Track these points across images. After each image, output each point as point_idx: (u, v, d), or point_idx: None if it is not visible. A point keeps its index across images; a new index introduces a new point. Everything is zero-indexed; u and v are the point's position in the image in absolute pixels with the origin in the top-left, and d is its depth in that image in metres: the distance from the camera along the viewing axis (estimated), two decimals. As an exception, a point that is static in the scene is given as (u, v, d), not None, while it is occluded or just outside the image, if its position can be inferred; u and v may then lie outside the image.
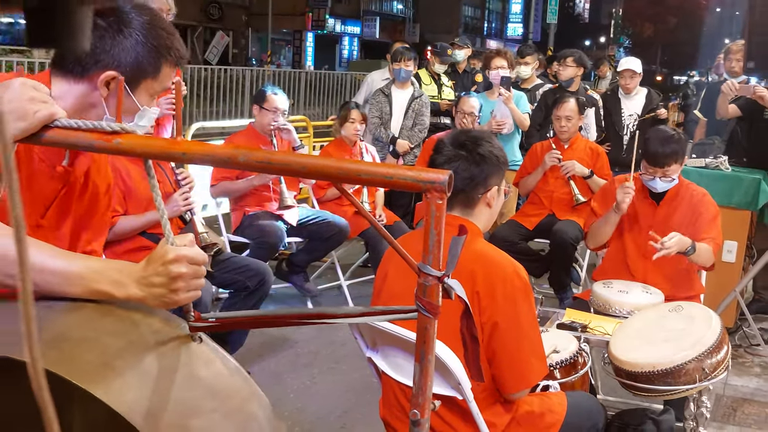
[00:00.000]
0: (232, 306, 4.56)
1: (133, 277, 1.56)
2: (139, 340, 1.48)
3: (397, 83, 7.27)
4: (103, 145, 1.49)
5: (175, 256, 1.53)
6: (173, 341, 1.51)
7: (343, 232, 5.74)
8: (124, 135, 1.48)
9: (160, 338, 1.50)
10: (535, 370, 2.58)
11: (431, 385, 1.39)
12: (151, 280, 1.55)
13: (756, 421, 4.37)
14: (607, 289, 3.89)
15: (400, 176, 1.31)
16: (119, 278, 1.57)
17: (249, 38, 39.03)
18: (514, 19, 51.06)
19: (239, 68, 19.98)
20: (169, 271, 1.53)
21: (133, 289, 1.56)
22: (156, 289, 1.54)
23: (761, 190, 5.64)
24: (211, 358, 1.53)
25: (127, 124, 1.69)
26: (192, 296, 1.56)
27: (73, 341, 1.45)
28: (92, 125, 1.50)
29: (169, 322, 1.56)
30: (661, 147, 4.05)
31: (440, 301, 1.35)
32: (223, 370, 1.53)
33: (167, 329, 1.54)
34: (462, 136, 2.73)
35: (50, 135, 1.55)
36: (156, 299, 1.55)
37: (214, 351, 1.56)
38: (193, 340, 1.54)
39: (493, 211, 2.76)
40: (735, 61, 6.93)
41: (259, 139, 5.72)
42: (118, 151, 1.48)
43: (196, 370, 1.48)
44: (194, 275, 1.56)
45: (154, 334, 1.51)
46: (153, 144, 1.47)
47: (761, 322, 5.89)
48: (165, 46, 1.91)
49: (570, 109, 5.97)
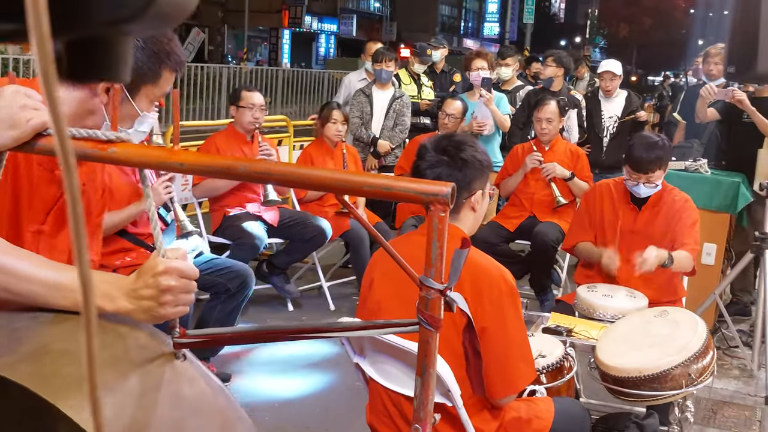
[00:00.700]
0: (213, 309, 4.51)
1: (123, 290, 1.53)
2: (123, 355, 1.44)
3: (378, 84, 7.25)
4: (98, 153, 1.46)
5: (165, 268, 1.50)
6: (158, 358, 1.46)
7: (324, 233, 5.71)
8: (119, 144, 1.45)
9: (145, 354, 1.45)
10: (523, 374, 2.57)
11: (432, 399, 1.37)
12: (140, 293, 1.51)
13: (736, 424, 4.40)
14: (591, 293, 3.89)
15: (403, 188, 1.30)
16: (109, 291, 1.53)
17: (225, 35, 38.85)
18: (491, 19, 51.23)
19: (216, 66, 19.88)
20: (158, 284, 1.49)
21: (122, 301, 1.52)
22: (145, 302, 1.51)
23: (740, 194, 5.68)
24: (195, 376, 1.50)
25: (128, 130, 1.66)
26: (180, 311, 1.52)
27: (54, 354, 1.41)
28: (87, 134, 1.47)
29: (154, 337, 1.52)
30: (645, 153, 4.06)
31: (442, 314, 1.34)
32: (207, 389, 1.49)
33: (152, 344, 1.49)
34: (444, 141, 2.70)
35: (43, 143, 1.52)
36: (144, 312, 1.51)
37: (198, 369, 1.52)
38: (177, 358, 1.50)
39: (477, 214, 2.75)
40: (713, 65, 6.96)
41: (239, 138, 5.69)
42: (113, 160, 1.46)
43: (179, 389, 1.44)
44: (184, 289, 1.52)
45: (139, 349, 1.47)
46: (150, 154, 1.45)
47: (739, 324, 5.93)
48: (165, 52, 1.89)
49: (551, 111, 5.98)
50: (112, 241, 4.27)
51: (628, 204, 4.28)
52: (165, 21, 0.60)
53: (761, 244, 5.17)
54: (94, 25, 0.59)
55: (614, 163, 6.86)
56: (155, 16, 0.56)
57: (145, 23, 0.57)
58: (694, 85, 7.98)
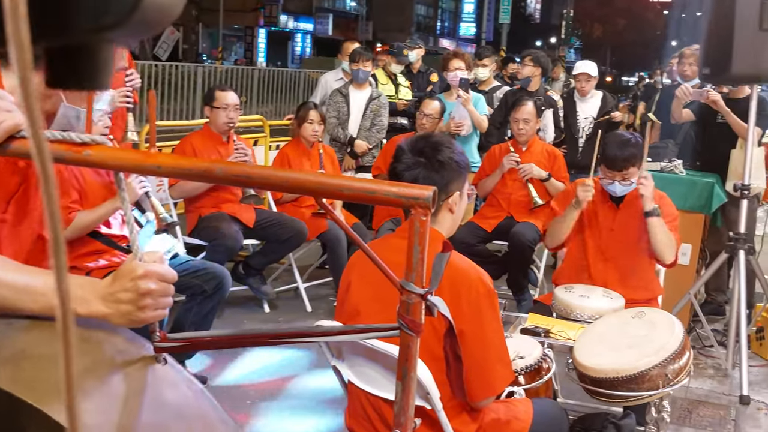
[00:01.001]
0: (189, 311, 4.47)
1: (98, 294, 1.51)
2: (103, 360, 1.42)
3: (355, 84, 7.23)
4: (73, 156, 1.43)
5: (145, 272, 1.49)
6: (138, 362, 1.45)
7: (300, 234, 5.69)
8: (94, 146, 1.42)
9: (125, 359, 1.44)
10: (501, 376, 2.57)
11: (413, 403, 1.36)
12: (118, 296, 1.49)
13: (711, 423, 4.43)
14: (568, 293, 3.91)
15: (384, 192, 1.29)
16: (82, 294, 1.51)
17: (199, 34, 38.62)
18: (467, 19, 51.33)
19: (190, 65, 19.74)
20: (137, 288, 1.48)
21: (98, 305, 1.50)
22: (123, 306, 1.49)
23: (714, 194, 5.72)
24: (177, 380, 1.48)
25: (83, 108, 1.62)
26: (160, 315, 1.51)
27: (34, 359, 1.39)
28: (61, 136, 1.45)
29: (133, 341, 1.50)
30: (619, 151, 4.09)
31: (423, 319, 1.33)
32: (189, 393, 1.48)
33: (132, 349, 1.48)
34: (421, 143, 2.68)
35: (16, 146, 1.49)
36: (122, 317, 1.50)
37: (179, 373, 1.51)
38: (157, 362, 1.48)
39: (456, 216, 2.74)
40: (688, 66, 7.02)
41: (215, 138, 5.66)
42: (88, 163, 1.43)
43: (161, 393, 1.43)
44: (163, 293, 1.51)
45: (118, 354, 1.45)
46: (125, 157, 1.43)
47: (714, 323, 5.97)
48: None
49: (528, 112, 6.00)
50: (85, 243, 4.23)
51: (606, 202, 4.30)
52: (148, 27, 0.59)
53: (735, 244, 5.20)
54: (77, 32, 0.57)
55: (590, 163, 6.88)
56: (138, 22, 0.55)
57: (128, 30, 0.56)
58: (669, 86, 8.03)
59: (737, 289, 5.13)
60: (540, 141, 6.34)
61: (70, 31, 0.58)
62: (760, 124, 5.78)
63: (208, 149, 5.61)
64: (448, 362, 1.49)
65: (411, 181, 2.59)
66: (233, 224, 5.53)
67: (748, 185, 5.25)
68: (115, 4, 0.55)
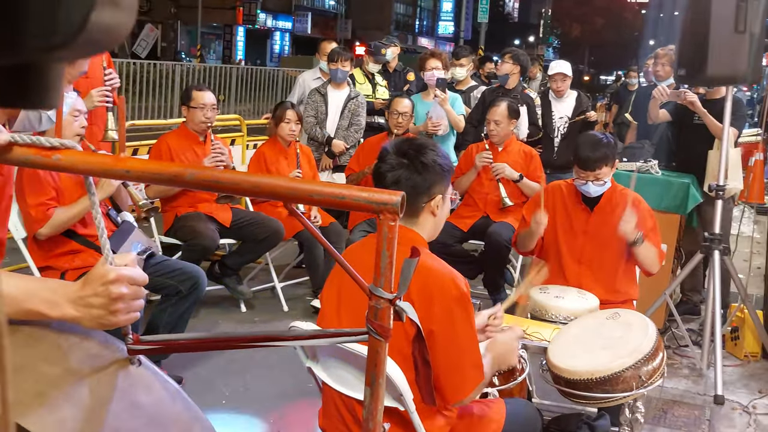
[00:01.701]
0: (164, 311, 4.45)
1: (69, 297, 1.50)
2: (76, 366, 1.41)
3: (333, 83, 7.21)
4: (42, 161, 1.42)
5: (116, 276, 1.48)
6: (112, 366, 1.45)
7: (277, 233, 5.68)
8: (63, 151, 1.41)
9: (99, 363, 1.44)
10: (472, 378, 2.56)
11: (382, 409, 1.36)
12: (89, 300, 1.48)
13: (686, 423, 4.46)
14: (543, 294, 3.92)
15: (353, 197, 1.28)
16: (53, 298, 1.50)
17: (178, 32, 38.47)
18: (446, 17, 51.38)
19: (169, 63, 19.64)
20: (109, 292, 1.47)
21: (68, 309, 1.49)
22: (94, 310, 1.48)
23: (690, 195, 5.76)
24: (152, 382, 1.48)
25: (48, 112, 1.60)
26: (132, 318, 1.51)
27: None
28: (30, 140, 1.43)
29: (107, 345, 1.50)
30: (591, 151, 4.11)
31: (391, 324, 1.32)
32: (165, 395, 1.48)
33: (105, 353, 1.48)
34: (405, 145, 2.70)
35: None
36: (93, 320, 1.49)
37: (154, 374, 1.50)
38: (131, 364, 1.48)
39: (438, 219, 2.73)
40: (661, 66, 7.07)
41: (191, 138, 5.64)
42: (57, 167, 1.42)
43: (136, 396, 1.43)
44: (134, 296, 1.50)
45: (92, 358, 1.45)
46: (95, 161, 1.42)
47: (689, 323, 6.02)
48: None
49: (498, 113, 6.00)
50: (61, 243, 4.21)
51: (579, 204, 4.31)
52: (96, 47, 0.58)
53: (710, 244, 5.24)
54: (25, 52, 0.57)
55: (565, 163, 6.91)
56: (86, 42, 0.54)
57: (76, 50, 0.56)
58: (646, 87, 8.09)
59: (712, 289, 5.16)
60: (517, 141, 6.34)
61: (18, 50, 0.57)
62: (736, 125, 5.82)
63: (185, 149, 5.59)
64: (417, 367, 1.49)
65: (393, 182, 2.60)
66: (210, 224, 5.51)
67: (723, 186, 5.29)
68: (62, 24, 0.55)
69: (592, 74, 59.91)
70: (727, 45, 4.78)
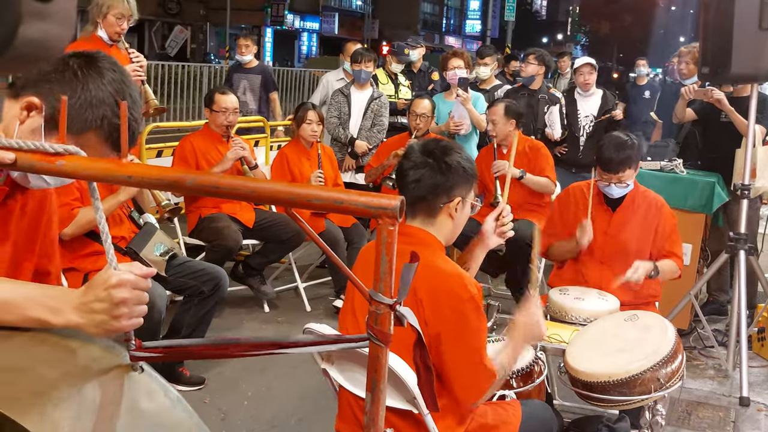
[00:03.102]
0: (187, 312, 4.49)
1: (72, 304, 1.51)
2: (76, 369, 1.42)
3: (357, 84, 7.22)
4: (46, 166, 1.43)
5: (119, 281, 1.48)
6: (113, 371, 1.44)
7: (300, 234, 5.70)
8: (68, 156, 1.42)
9: (100, 368, 1.44)
10: (484, 378, 2.55)
11: (383, 415, 1.35)
12: (91, 306, 1.49)
13: (710, 425, 4.41)
14: (563, 296, 3.89)
15: (352, 201, 1.28)
16: (55, 305, 1.51)
17: (207, 33, 38.68)
18: (473, 16, 51.31)
19: (196, 64, 19.73)
20: (111, 297, 1.48)
21: (71, 315, 1.50)
22: (97, 316, 1.49)
23: (715, 194, 5.69)
24: (154, 389, 1.48)
25: None
26: (135, 323, 1.51)
27: (5, 370, 1.39)
28: (34, 146, 1.44)
29: (109, 350, 1.50)
30: (615, 153, 4.07)
31: (392, 329, 1.32)
32: (166, 401, 1.47)
33: (107, 358, 1.47)
34: (432, 144, 2.72)
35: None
36: (96, 326, 1.49)
37: (155, 381, 1.50)
38: (134, 370, 1.48)
39: (456, 223, 2.72)
40: (684, 64, 6.99)
41: (215, 138, 5.72)
42: (61, 173, 1.43)
43: (137, 402, 1.43)
44: (137, 301, 1.51)
45: (93, 363, 1.45)
46: (98, 166, 1.42)
47: (715, 323, 5.95)
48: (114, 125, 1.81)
49: (497, 112, 5.92)
50: (84, 244, 4.24)
51: (601, 205, 4.27)
52: (26, 62, 0.58)
53: (736, 244, 5.18)
54: None
55: (591, 162, 6.78)
56: (14, 58, 0.54)
57: (5, 64, 0.56)
58: (671, 85, 8.01)
59: (738, 290, 5.10)
60: (523, 137, 6.20)
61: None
62: (764, 124, 5.75)
63: (209, 148, 5.66)
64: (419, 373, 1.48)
65: (414, 180, 2.60)
66: (233, 225, 5.54)
67: (749, 185, 5.23)
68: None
69: (621, 71, 59.42)
70: (751, 42, 4.72)
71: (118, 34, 5.13)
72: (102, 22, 5.10)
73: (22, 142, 1.47)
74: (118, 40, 5.16)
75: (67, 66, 1.78)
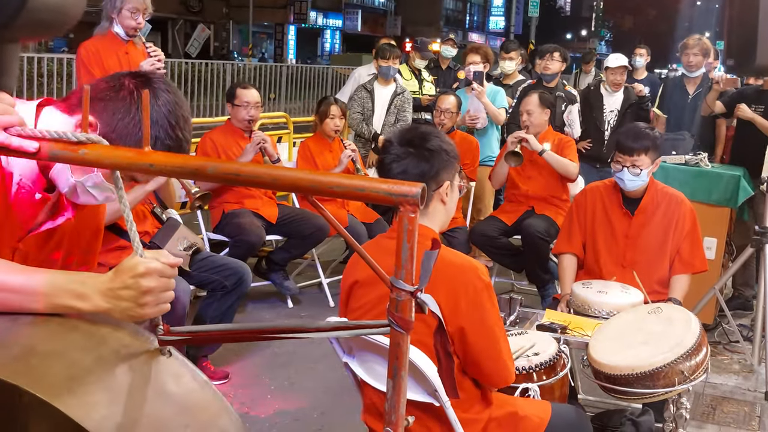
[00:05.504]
0: (210, 306, 4.51)
1: (98, 289, 1.53)
2: (108, 355, 1.45)
3: (380, 80, 7.24)
4: (69, 155, 1.45)
5: (146, 269, 1.50)
6: (143, 355, 1.48)
7: (323, 229, 5.71)
8: (90, 145, 1.44)
9: (130, 353, 1.47)
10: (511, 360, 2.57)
11: (404, 402, 1.36)
12: (118, 293, 1.51)
13: (735, 420, 4.38)
14: (586, 289, 3.87)
15: (373, 189, 1.28)
16: (83, 291, 1.54)
17: (230, 31, 38.83)
18: (496, 12, 51.11)
19: (219, 62, 19.84)
20: (138, 285, 1.50)
21: (99, 301, 1.53)
22: (123, 303, 1.51)
23: (741, 187, 5.64)
24: (181, 372, 1.51)
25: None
26: (160, 310, 1.53)
27: (41, 355, 1.42)
28: (57, 134, 1.46)
29: (137, 335, 1.53)
30: (634, 138, 4.06)
31: (413, 316, 1.32)
32: (194, 384, 1.50)
33: (136, 343, 1.51)
34: (409, 134, 2.64)
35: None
36: (122, 312, 1.52)
37: (183, 365, 1.53)
38: (162, 354, 1.51)
39: (448, 207, 2.68)
40: (692, 56, 6.91)
41: (236, 133, 5.74)
42: (83, 161, 1.45)
43: (166, 385, 1.46)
44: (164, 289, 1.53)
45: (123, 348, 1.48)
46: (120, 155, 1.44)
47: (740, 318, 5.91)
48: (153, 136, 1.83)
49: (531, 102, 5.88)
50: (109, 239, 4.27)
51: (620, 208, 4.22)
52: (44, 28, 0.59)
53: (761, 238, 5.13)
54: None
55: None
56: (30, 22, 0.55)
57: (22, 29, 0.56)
58: (672, 78, 7.93)
59: (763, 284, 5.05)
60: (554, 133, 6.17)
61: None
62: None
63: (231, 144, 5.68)
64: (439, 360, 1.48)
65: (400, 172, 2.54)
66: (256, 220, 5.56)
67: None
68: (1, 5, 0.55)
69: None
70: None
71: (134, 29, 5.16)
72: (117, 18, 5.13)
73: (45, 131, 1.49)
74: (135, 36, 5.19)
75: (123, 85, 1.79)
